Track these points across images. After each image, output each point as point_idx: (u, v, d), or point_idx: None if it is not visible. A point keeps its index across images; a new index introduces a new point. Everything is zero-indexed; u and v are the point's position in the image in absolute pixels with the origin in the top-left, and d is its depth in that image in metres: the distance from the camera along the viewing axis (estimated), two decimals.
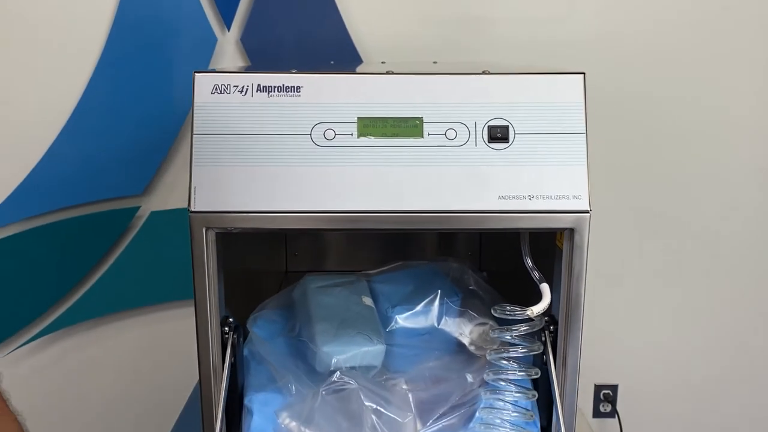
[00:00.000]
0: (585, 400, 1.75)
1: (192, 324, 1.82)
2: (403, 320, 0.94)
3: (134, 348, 1.70)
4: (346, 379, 0.72)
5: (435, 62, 1.22)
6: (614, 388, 1.80)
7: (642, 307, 1.70)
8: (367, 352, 0.85)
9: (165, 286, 1.69)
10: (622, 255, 1.65)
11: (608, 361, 1.74)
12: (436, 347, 0.92)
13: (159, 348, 1.71)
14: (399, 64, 0.95)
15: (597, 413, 1.80)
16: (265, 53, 1.54)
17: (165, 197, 1.64)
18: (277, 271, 1.38)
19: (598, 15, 1.50)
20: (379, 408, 0.68)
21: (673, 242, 1.64)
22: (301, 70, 0.76)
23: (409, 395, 0.72)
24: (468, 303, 0.97)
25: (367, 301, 0.97)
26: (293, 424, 0.68)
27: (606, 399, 1.80)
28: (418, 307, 0.94)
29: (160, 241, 1.64)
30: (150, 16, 1.53)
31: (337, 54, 1.53)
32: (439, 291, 0.96)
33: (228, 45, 1.56)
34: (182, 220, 1.86)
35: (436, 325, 0.93)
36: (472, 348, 0.90)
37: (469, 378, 0.84)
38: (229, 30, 1.55)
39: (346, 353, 0.83)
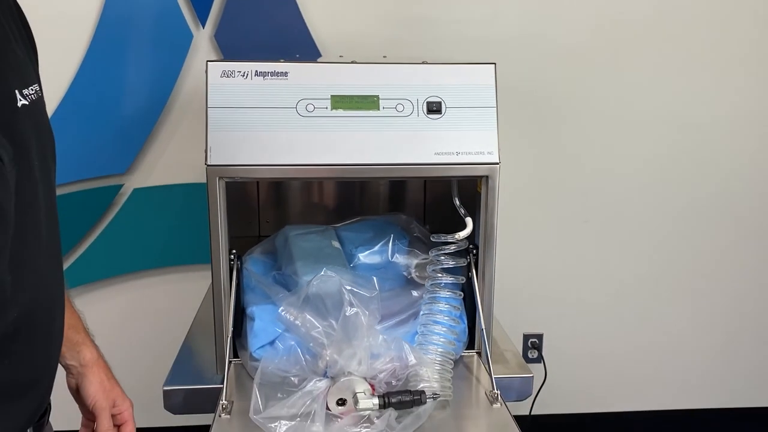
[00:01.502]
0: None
1: (172, 288, 2.03)
2: (363, 257, 1.19)
3: (121, 311, 1.90)
4: (329, 273, 0.98)
5: (384, 56, 1.47)
6: (540, 336, 2.09)
7: (560, 266, 2.01)
8: None
9: (147, 256, 1.89)
10: (541, 217, 1.95)
11: (534, 313, 2.03)
12: (389, 278, 1.18)
13: (144, 310, 1.90)
14: (355, 58, 1.18)
15: (526, 359, 2.07)
16: (236, 48, 1.76)
17: (146, 176, 1.84)
18: (253, 236, 1.59)
19: (517, 17, 1.80)
20: (353, 288, 0.93)
21: (584, 203, 1.95)
22: (287, 60, 1.01)
23: (374, 279, 0.98)
24: (414, 245, 1.23)
25: (336, 244, 1.22)
26: (292, 309, 0.92)
27: (533, 346, 2.09)
28: (376, 248, 1.20)
29: (142, 216, 1.84)
30: (132, 14, 1.73)
31: (300, 49, 1.77)
32: (392, 235, 1.21)
33: (203, 40, 1.77)
34: (162, 196, 2.07)
35: (389, 260, 1.19)
36: (416, 275, 1.16)
37: (415, 294, 1.11)
38: (203, 27, 1.76)
39: None
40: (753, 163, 1.96)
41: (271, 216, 1.61)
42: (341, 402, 0.87)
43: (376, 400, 0.85)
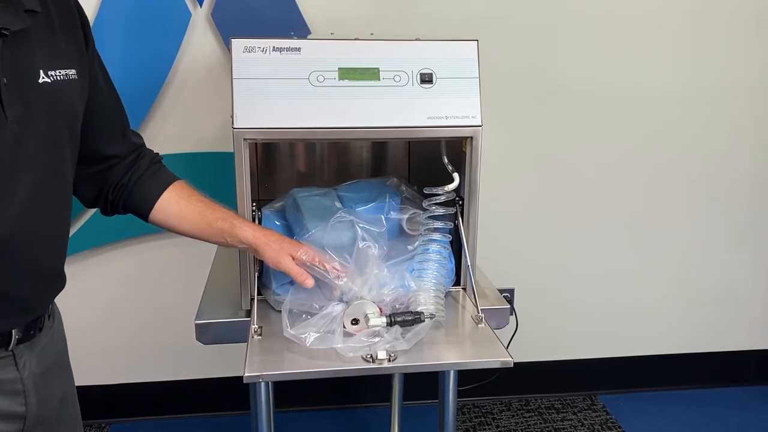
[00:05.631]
0: None
1: (172, 252, 2.16)
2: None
3: (124, 273, 2.03)
4: (345, 214, 1.15)
5: (372, 33, 1.61)
6: (511, 291, 2.26)
7: (530, 227, 2.20)
8: None
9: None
10: (511, 183, 2.13)
11: (506, 269, 2.21)
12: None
13: (146, 272, 2.04)
14: (342, 36, 1.25)
15: None
16: (232, 27, 1.88)
17: (148, 145, 1.94)
18: (253, 198, 1.74)
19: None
20: (364, 225, 1.10)
21: (549, 169, 2.13)
22: (300, 37, 1.16)
23: (382, 217, 1.15)
24: (405, 202, 1.40)
25: (338, 203, 1.38)
26: (316, 242, 1.09)
27: (506, 300, 2.27)
28: (372, 205, 1.36)
29: None
30: None
31: (291, 27, 1.90)
32: (387, 195, 1.38)
33: (200, 19, 1.89)
34: (165, 164, 2.18)
35: (384, 216, 1.36)
36: (408, 228, 1.33)
37: (410, 247, 1.28)
38: (201, 6, 1.88)
39: None
40: (706, 130, 2.17)
41: (269, 181, 1.77)
42: (355, 322, 1.04)
43: (384, 319, 1.03)
